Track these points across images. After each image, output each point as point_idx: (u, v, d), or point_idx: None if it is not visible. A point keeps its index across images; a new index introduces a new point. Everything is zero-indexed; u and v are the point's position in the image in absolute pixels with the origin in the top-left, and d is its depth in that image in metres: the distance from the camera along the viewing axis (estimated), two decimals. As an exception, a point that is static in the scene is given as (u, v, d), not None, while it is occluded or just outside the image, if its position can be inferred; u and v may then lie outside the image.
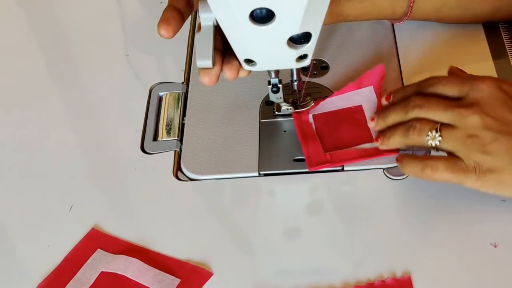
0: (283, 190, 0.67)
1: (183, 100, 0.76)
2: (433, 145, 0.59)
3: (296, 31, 0.56)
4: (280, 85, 0.67)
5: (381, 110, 0.66)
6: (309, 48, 0.60)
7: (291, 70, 0.67)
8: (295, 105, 0.71)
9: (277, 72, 0.66)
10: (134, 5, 0.90)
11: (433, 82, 0.62)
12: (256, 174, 0.68)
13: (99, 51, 0.83)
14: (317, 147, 0.68)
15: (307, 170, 0.67)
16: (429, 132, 0.59)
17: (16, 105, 0.79)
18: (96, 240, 0.64)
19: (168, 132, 0.73)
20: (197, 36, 0.61)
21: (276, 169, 0.68)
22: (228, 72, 0.62)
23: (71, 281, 0.61)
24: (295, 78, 0.68)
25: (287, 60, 0.61)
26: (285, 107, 0.71)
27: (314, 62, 0.77)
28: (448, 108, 0.59)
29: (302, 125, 0.70)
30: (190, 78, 0.78)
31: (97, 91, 0.79)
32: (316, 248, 0.61)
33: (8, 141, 0.75)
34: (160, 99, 0.77)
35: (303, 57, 0.61)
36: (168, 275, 0.60)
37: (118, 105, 0.77)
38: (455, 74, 0.64)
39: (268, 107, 0.73)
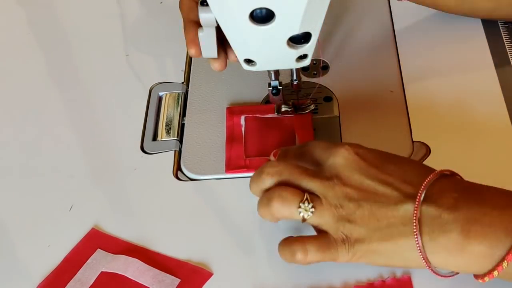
0: (283, 190, 0.67)
1: (183, 100, 0.76)
2: (305, 217, 0.56)
3: (296, 31, 0.56)
4: (280, 88, 0.67)
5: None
6: (309, 48, 0.60)
7: (291, 70, 0.67)
8: (295, 106, 0.71)
9: (277, 74, 0.66)
10: (134, 5, 0.90)
11: (306, 144, 0.61)
12: (256, 174, 0.68)
13: (99, 51, 0.83)
14: (239, 151, 0.68)
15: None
16: (301, 204, 0.55)
17: (16, 105, 0.79)
18: (96, 240, 0.64)
19: (168, 132, 0.73)
20: (200, 34, 0.61)
21: (276, 169, 0.68)
22: (233, 56, 0.63)
23: (71, 281, 0.61)
24: (295, 78, 0.68)
25: (287, 60, 0.61)
26: (285, 109, 0.71)
27: (314, 62, 0.77)
28: (311, 177, 0.57)
29: (232, 126, 0.70)
30: (190, 78, 0.78)
31: (97, 91, 0.79)
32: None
33: (8, 141, 0.75)
34: (160, 99, 0.77)
35: (303, 57, 0.61)
36: (168, 275, 0.60)
37: (118, 105, 0.77)
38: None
39: (268, 107, 0.73)
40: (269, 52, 0.60)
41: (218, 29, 0.60)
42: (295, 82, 0.68)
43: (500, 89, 0.71)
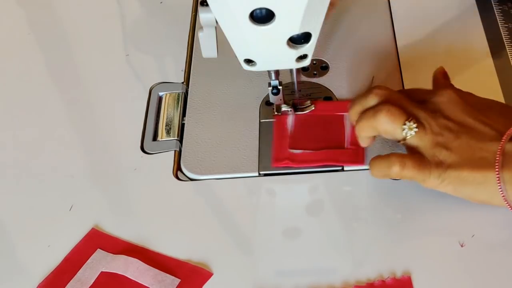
0: (283, 190, 0.67)
1: (183, 100, 0.76)
2: (407, 135, 0.59)
3: (296, 31, 0.56)
4: (280, 87, 0.67)
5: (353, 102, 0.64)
6: (309, 48, 0.60)
7: (291, 70, 0.67)
8: (295, 106, 0.71)
9: (277, 74, 0.66)
10: (134, 5, 0.90)
11: (404, 90, 0.65)
12: (256, 174, 0.68)
13: (99, 51, 0.83)
14: (285, 145, 0.68)
15: (307, 170, 0.67)
16: (407, 122, 0.59)
17: (16, 105, 0.79)
18: (96, 240, 0.64)
19: (168, 132, 0.73)
20: (200, 33, 0.61)
21: (276, 169, 0.68)
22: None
23: (71, 281, 0.61)
24: (295, 78, 0.68)
25: (287, 60, 0.61)
26: (285, 109, 0.71)
27: (314, 62, 0.77)
28: (420, 106, 0.61)
29: (280, 121, 0.70)
30: (190, 78, 0.78)
31: (97, 91, 0.79)
32: (316, 248, 0.61)
33: (8, 141, 0.75)
34: (160, 99, 0.77)
35: (303, 57, 0.61)
36: (168, 275, 0.60)
37: (118, 105, 0.77)
38: (440, 74, 0.67)
39: (268, 107, 0.73)
40: (269, 52, 0.60)
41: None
42: (298, 82, 0.68)
43: (500, 89, 0.71)
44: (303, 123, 0.70)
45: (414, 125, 0.59)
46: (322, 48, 0.78)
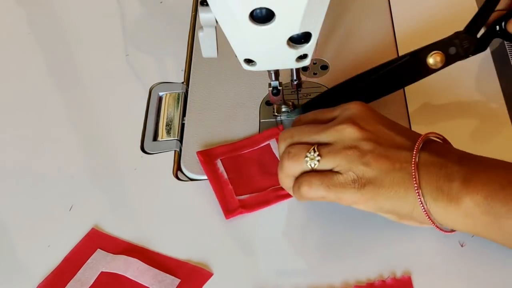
0: (283, 190, 0.67)
1: (183, 100, 0.76)
2: (312, 166, 0.57)
3: (296, 31, 0.56)
4: (280, 88, 0.67)
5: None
6: (309, 48, 0.60)
7: (291, 70, 0.67)
8: (295, 107, 0.71)
9: (277, 74, 0.66)
10: (134, 5, 0.90)
11: (308, 116, 0.62)
12: (256, 174, 0.68)
13: (99, 51, 0.83)
14: (231, 194, 0.66)
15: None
16: (307, 153, 0.57)
17: (16, 105, 0.79)
18: (96, 240, 0.64)
19: (168, 132, 0.73)
20: (200, 33, 0.61)
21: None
22: None
23: (71, 281, 0.61)
24: (295, 78, 0.68)
25: (287, 60, 0.61)
26: (285, 109, 0.71)
27: (314, 62, 0.77)
28: (323, 129, 0.58)
29: (213, 172, 0.67)
30: (190, 78, 0.78)
31: (97, 91, 0.79)
32: (316, 248, 0.61)
33: (8, 141, 0.75)
34: (160, 99, 0.77)
35: (303, 57, 0.61)
36: (168, 275, 0.60)
37: (118, 105, 0.77)
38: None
39: (268, 107, 0.73)
40: (269, 52, 0.60)
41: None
42: (295, 82, 0.68)
43: (500, 89, 0.71)
44: (234, 165, 0.68)
45: (315, 154, 0.57)
46: (322, 48, 0.78)
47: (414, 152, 0.55)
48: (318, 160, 0.57)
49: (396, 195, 0.55)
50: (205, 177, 0.68)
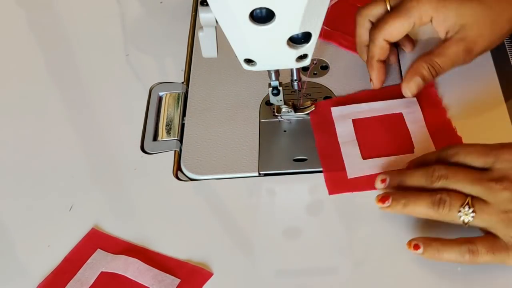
0: (283, 190, 0.67)
1: (183, 100, 0.76)
2: (466, 221, 0.56)
3: (296, 31, 0.56)
4: (280, 88, 0.67)
5: (394, 173, 0.62)
6: (309, 48, 0.60)
7: (291, 70, 0.67)
8: (295, 107, 0.71)
9: (277, 74, 0.66)
10: (134, 5, 0.90)
11: (456, 151, 0.59)
12: (256, 174, 0.68)
13: (99, 51, 0.83)
14: (356, 155, 0.66)
15: (307, 170, 0.67)
16: (461, 208, 0.55)
17: (16, 105, 0.79)
18: (96, 240, 0.64)
19: (168, 132, 0.73)
20: (200, 34, 0.61)
21: (276, 169, 0.68)
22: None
23: (71, 281, 0.61)
24: (295, 78, 0.68)
25: (287, 60, 0.61)
26: (285, 109, 0.71)
27: (314, 62, 0.77)
28: (477, 181, 0.56)
29: (323, 139, 0.68)
30: (190, 78, 0.78)
31: (97, 91, 0.79)
32: (316, 248, 0.61)
33: (8, 141, 0.75)
34: (160, 99, 0.77)
35: (303, 57, 0.61)
36: (168, 275, 0.60)
37: (118, 105, 0.77)
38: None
39: (268, 107, 0.73)
40: (269, 52, 0.60)
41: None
42: (299, 82, 0.68)
43: (500, 89, 0.71)
44: (365, 127, 0.68)
45: (470, 210, 0.55)
46: (322, 48, 0.78)
47: None
48: (473, 217, 0.55)
49: None
50: (205, 177, 0.68)
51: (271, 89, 0.68)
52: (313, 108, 0.71)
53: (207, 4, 0.56)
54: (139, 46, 0.84)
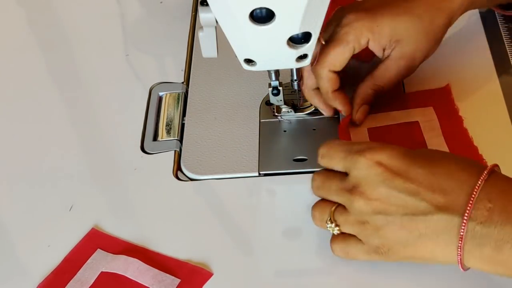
0: (283, 190, 0.67)
1: (183, 100, 0.76)
2: (334, 233, 0.58)
3: (296, 31, 0.56)
4: (280, 88, 0.67)
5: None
6: (309, 48, 0.60)
7: (291, 70, 0.67)
8: (295, 107, 0.71)
9: (277, 74, 0.66)
10: (134, 5, 0.90)
11: (322, 153, 0.59)
12: (256, 174, 0.68)
13: (99, 51, 0.83)
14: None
15: (307, 170, 0.67)
16: (327, 224, 0.58)
17: (16, 105, 0.79)
18: (96, 240, 0.64)
19: (168, 132, 0.73)
20: (200, 34, 0.61)
21: (276, 169, 0.68)
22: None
23: (71, 281, 0.61)
24: (295, 78, 0.68)
25: (287, 60, 0.61)
26: (285, 109, 0.71)
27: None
28: (338, 190, 0.57)
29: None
30: (190, 78, 0.78)
31: (97, 91, 0.79)
32: (316, 248, 0.61)
33: (8, 141, 0.75)
34: (160, 99, 0.77)
35: (303, 57, 0.61)
36: (168, 275, 0.60)
37: (118, 105, 0.77)
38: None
39: (268, 107, 0.73)
40: (269, 52, 0.60)
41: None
42: (295, 82, 0.68)
43: (500, 88, 0.71)
44: (380, 136, 0.68)
45: (333, 225, 0.57)
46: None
47: (463, 223, 0.51)
48: (338, 230, 0.57)
49: (422, 258, 0.55)
50: (205, 177, 0.68)
51: (271, 89, 0.68)
52: (313, 108, 0.71)
53: (207, 4, 0.56)
54: (139, 46, 0.84)
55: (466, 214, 0.51)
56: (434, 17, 0.66)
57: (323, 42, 0.65)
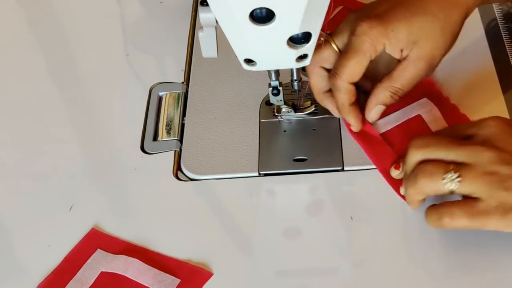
0: (283, 190, 0.67)
1: (183, 100, 0.76)
2: (451, 188, 0.55)
3: (296, 31, 0.56)
4: (280, 88, 0.67)
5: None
6: (309, 48, 0.60)
7: (291, 70, 0.67)
8: (295, 107, 0.71)
9: (277, 74, 0.66)
10: (134, 5, 0.90)
11: (445, 130, 0.61)
12: (256, 174, 0.68)
13: (99, 51, 0.83)
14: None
15: (307, 170, 0.67)
16: (446, 174, 0.55)
17: (16, 105, 0.79)
18: (96, 240, 0.64)
19: (168, 132, 0.73)
20: (200, 34, 0.61)
21: (276, 169, 0.68)
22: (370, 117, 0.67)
23: (71, 281, 0.61)
24: (295, 78, 0.68)
25: (287, 60, 0.61)
26: (285, 109, 0.71)
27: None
28: (461, 145, 0.56)
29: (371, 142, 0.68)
30: (190, 78, 0.78)
31: (97, 91, 0.79)
32: (316, 248, 0.61)
33: (8, 141, 0.75)
34: (160, 99, 0.77)
35: (303, 57, 0.61)
36: (168, 275, 0.60)
37: (118, 105, 0.77)
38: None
39: (268, 107, 0.73)
40: (269, 52, 0.60)
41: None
42: (295, 82, 0.68)
43: (500, 88, 0.71)
44: (394, 137, 0.68)
45: (455, 175, 0.55)
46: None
47: None
48: (459, 181, 0.55)
49: None
50: (205, 177, 0.68)
51: (271, 89, 0.68)
52: (313, 108, 0.71)
53: (207, 4, 0.56)
54: (139, 46, 0.84)
55: None
56: (449, 14, 0.64)
57: (336, 49, 0.65)
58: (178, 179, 0.69)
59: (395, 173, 0.63)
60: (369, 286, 0.58)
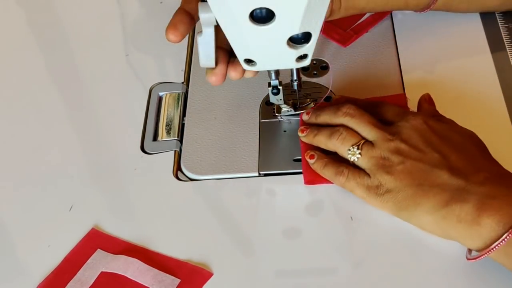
0: (283, 190, 0.67)
1: (183, 100, 0.76)
2: (351, 160, 0.62)
3: (296, 31, 0.56)
4: (280, 87, 0.67)
5: (316, 108, 0.69)
6: (309, 48, 0.60)
7: (291, 70, 0.67)
8: (295, 106, 0.71)
9: (277, 73, 0.66)
10: (134, 5, 0.90)
11: (381, 104, 0.66)
12: (256, 174, 0.68)
13: (99, 51, 0.83)
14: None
15: (307, 170, 0.67)
16: (351, 147, 0.62)
17: (16, 105, 0.79)
18: (96, 240, 0.64)
19: (168, 132, 0.73)
20: (199, 38, 0.61)
21: (276, 169, 0.68)
22: (233, 73, 0.63)
23: (71, 281, 0.61)
24: (295, 78, 0.68)
25: (287, 60, 0.61)
26: (285, 109, 0.71)
27: (314, 62, 0.77)
28: (376, 127, 0.62)
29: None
30: (190, 78, 0.78)
31: (97, 91, 0.79)
32: (316, 248, 0.61)
33: (8, 141, 0.75)
34: (160, 99, 0.77)
35: (303, 57, 0.61)
36: (168, 275, 0.60)
37: (118, 105, 0.77)
38: (424, 100, 0.68)
39: (268, 107, 0.73)
40: (269, 52, 0.60)
41: (221, 36, 0.59)
42: (295, 82, 0.68)
43: (500, 88, 0.71)
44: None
45: (358, 151, 0.62)
46: (322, 48, 0.78)
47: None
48: (358, 158, 0.62)
49: (408, 207, 0.59)
50: (205, 177, 0.68)
51: (271, 88, 0.68)
52: (313, 106, 0.71)
53: (205, 0, 0.56)
54: (139, 46, 0.84)
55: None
56: None
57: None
58: (178, 179, 0.69)
59: (305, 117, 0.68)
60: (369, 286, 0.58)
